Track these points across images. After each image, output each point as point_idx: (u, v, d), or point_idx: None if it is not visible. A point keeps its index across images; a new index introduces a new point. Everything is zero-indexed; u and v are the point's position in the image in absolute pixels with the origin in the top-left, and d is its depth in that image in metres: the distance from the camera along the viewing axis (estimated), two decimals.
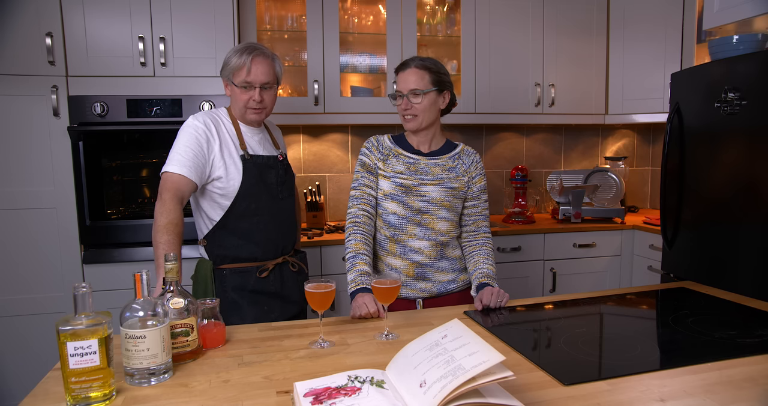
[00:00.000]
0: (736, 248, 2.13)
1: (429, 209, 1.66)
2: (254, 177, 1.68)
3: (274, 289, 1.75)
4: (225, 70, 1.68)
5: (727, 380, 1.02)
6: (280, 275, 1.76)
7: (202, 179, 1.61)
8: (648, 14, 2.98)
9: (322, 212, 2.94)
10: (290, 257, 1.81)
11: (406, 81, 1.65)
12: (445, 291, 1.71)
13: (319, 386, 0.96)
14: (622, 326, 1.42)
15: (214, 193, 1.66)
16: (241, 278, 1.69)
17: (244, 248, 1.70)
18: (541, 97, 3.06)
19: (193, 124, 1.63)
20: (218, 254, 1.70)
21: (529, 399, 0.95)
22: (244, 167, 1.66)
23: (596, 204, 3.10)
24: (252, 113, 1.69)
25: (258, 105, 1.67)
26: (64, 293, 2.32)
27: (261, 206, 1.70)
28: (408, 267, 1.67)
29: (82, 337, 0.93)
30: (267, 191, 1.72)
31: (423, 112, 1.66)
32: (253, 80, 1.64)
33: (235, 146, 1.68)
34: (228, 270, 1.69)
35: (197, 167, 1.58)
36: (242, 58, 1.63)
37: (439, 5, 3.05)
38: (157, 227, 1.48)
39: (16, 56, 2.21)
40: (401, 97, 1.67)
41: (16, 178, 2.26)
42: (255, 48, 1.66)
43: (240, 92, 1.66)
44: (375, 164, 1.71)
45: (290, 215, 1.82)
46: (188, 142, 1.59)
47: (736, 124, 2.11)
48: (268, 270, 1.72)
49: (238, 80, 1.65)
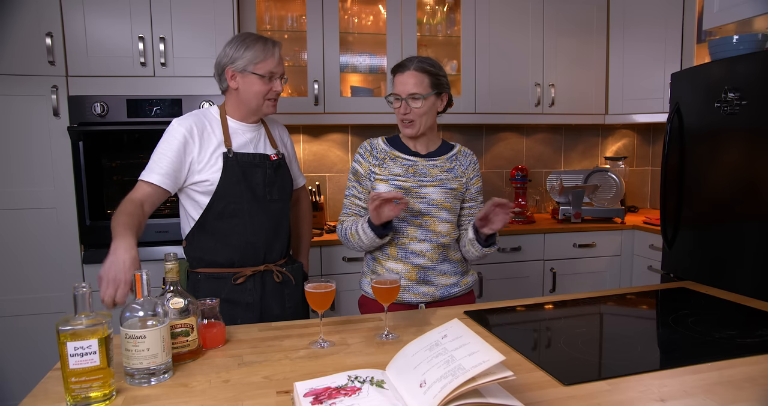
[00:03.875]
0: (736, 248, 2.13)
1: (429, 210, 1.63)
2: (236, 175, 1.60)
3: (252, 299, 1.64)
4: (240, 60, 1.59)
5: (727, 380, 1.02)
6: (260, 285, 1.66)
7: (175, 185, 1.58)
8: (648, 14, 2.98)
9: (322, 212, 2.94)
10: (276, 265, 1.69)
11: (404, 84, 1.59)
12: (448, 295, 1.67)
13: (319, 386, 0.96)
14: (622, 326, 1.42)
15: (194, 192, 1.61)
16: (215, 283, 1.61)
17: (221, 252, 1.62)
18: (541, 97, 3.06)
19: (174, 130, 1.58)
20: (195, 256, 1.64)
21: (529, 399, 0.95)
22: (226, 165, 1.59)
23: (596, 204, 3.10)
24: (270, 106, 1.66)
25: (277, 96, 1.66)
26: (64, 293, 2.32)
27: (241, 206, 1.61)
28: (410, 271, 1.64)
29: (82, 337, 0.93)
30: (250, 191, 1.62)
31: (421, 117, 1.62)
32: (279, 71, 1.63)
33: (218, 144, 1.61)
34: (203, 274, 1.62)
35: (170, 174, 1.55)
36: (268, 47, 1.60)
37: (439, 5, 3.05)
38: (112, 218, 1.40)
39: (16, 56, 2.21)
40: (398, 100, 1.62)
41: (16, 178, 2.26)
42: (269, 39, 1.64)
43: (261, 83, 1.60)
44: (370, 170, 1.67)
45: (280, 219, 1.71)
46: (165, 149, 1.56)
47: (736, 124, 2.11)
48: (244, 277, 1.62)
49: (263, 70, 1.59)
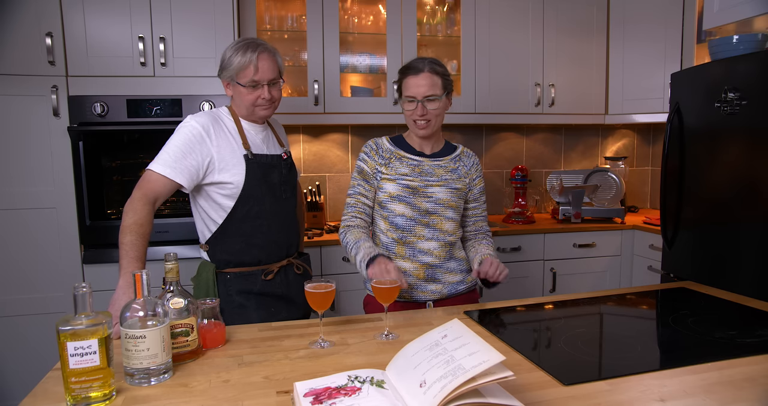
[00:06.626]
0: (736, 248, 2.13)
1: (436, 209, 1.66)
2: (257, 177, 1.63)
3: (281, 291, 1.71)
4: (227, 71, 1.60)
5: (727, 380, 1.02)
6: (285, 278, 1.73)
7: (192, 181, 1.55)
8: (648, 14, 2.98)
9: (322, 212, 2.94)
10: (294, 259, 1.78)
11: (419, 86, 1.61)
12: (455, 292, 1.70)
13: (319, 386, 0.96)
14: (622, 326, 1.42)
15: (217, 194, 1.62)
16: (246, 281, 1.65)
17: (248, 253, 1.66)
18: (541, 97, 3.06)
19: (189, 125, 1.57)
20: (222, 259, 1.65)
21: (529, 399, 0.95)
22: (247, 167, 1.61)
23: (596, 204, 3.10)
24: (261, 110, 1.64)
25: (267, 102, 1.63)
26: (64, 293, 2.32)
27: (264, 207, 1.65)
28: (418, 269, 1.66)
29: (82, 337, 0.93)
30: (270, 192, 1.67)
31: (437, 118, 1.65)
32: (261, 78, 1.58)
33: (237, 146, 1.63)
34: (232, 274, 1.65)
35: (184, 169, 1.53)
36: (247, 56, 1.56)
37: (439, 5, 3.05)
38: (122, 227, 1.42)
39: (16, 56, 2.21)
40: (413, 102, 1.63)
41: (16, 178, 2.26)
42: (257, 44, 1.60)
43: (247, 92, 1.59)
44: (376, 169, 1.69)
45: (293, 215, 1.78)
46: (180, 142, 1.54)
47: (736, 124, 2.11)
48: (273, 273, 1.69)
49: (244, 80, 1.58)
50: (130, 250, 1.39)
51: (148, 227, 1.46)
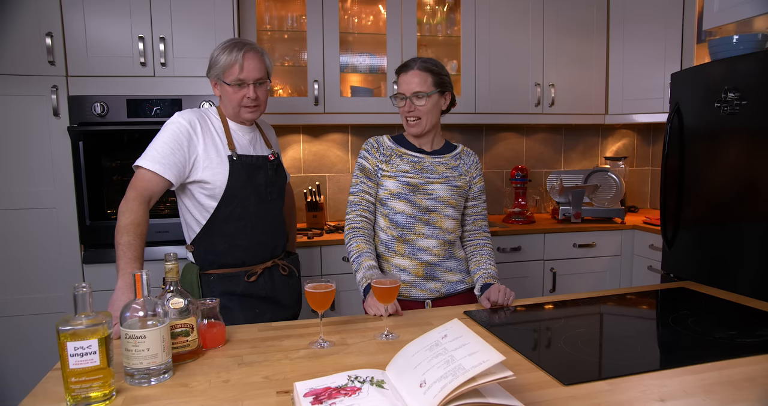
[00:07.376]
0: (736, 248, 2.13)
1: (436, 207, 1.66)
2: (241, 178, 1.62)
3: (265, 293, 1.70)
4: (214, 69, 1.61)
5: (727, 380, 1.02)
6: (270, 279, 1.71)
7: (179, 178, 1.55)
8: (648, 14, 2.98)
9: (322, 212, 2.94)
10: (280, 260, 1.75)
11: (408, 83, 1.64)
12: (453, 291, 1.71)
13: (319, 386, 0.96)
14: (622, 326, 1.42)
15: (200, 194, 1.61)
16: (229, 282, 1.65)
17: (231, 254, 1.65)
18: (541, 97, 3.06)
19: (176, 122, 1.57)
20: (206, 260, 1.65)
21: (529, 399, 0.95)
22: (231, 168, 1.60)
23: (596, 204, 3.10)
24: (247, 112, 1.64)
25: (253, 102, 1.62)
26: (64, 293, 2.32)
27: (248, 209, 1.64)
28: (417, 267, 1.67)
29: (82, 337, 0.93)
30: (255, 193, 1.66)
31: (426, 115, 1.66)
32: (247, 77, 1.58)
33: (223, 146, 1.61)
34: (215, 275, 1.64)
35: (173, 165, 1.52)
36: (233, 55, 1.57)
37: (439, 5, 3.05)
38: (118, 227, 1.42)
39: (16, 56, 2.21)
40: (403, 99, 1.66)
41: (16, 178, 2.26)
42: (244, 43, 1.61)
43: (233, 91, 1.60)
44: (377, 166, 1.69)
45: (279, 216, 1.76)
46: (167, 138, 1.54)
47: (736, 124, 2.11)
48: (256, 274, 1.67)
49: (230, 79, 1.58)
50: (128, 250, 1.39)
51: (144, 227, 1.45)
